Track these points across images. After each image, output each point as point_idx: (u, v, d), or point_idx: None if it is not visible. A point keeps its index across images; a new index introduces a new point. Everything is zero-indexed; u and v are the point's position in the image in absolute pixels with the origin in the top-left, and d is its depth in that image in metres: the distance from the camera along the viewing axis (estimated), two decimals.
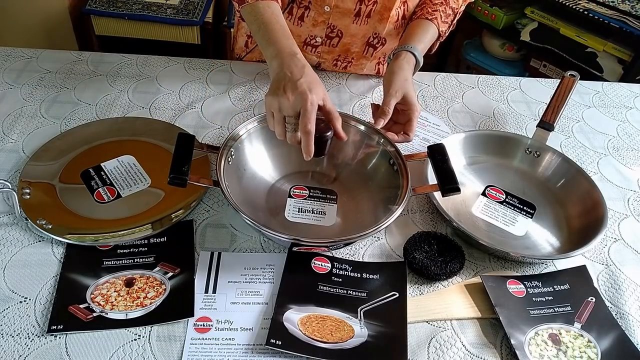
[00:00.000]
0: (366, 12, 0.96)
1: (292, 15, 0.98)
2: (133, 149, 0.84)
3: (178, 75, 1.03)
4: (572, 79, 0.94)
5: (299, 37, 1.02)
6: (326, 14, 0.97)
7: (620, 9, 1.85)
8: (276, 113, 0.70)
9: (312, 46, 1.03)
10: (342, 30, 0.99)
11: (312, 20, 0.98)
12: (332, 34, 1.00)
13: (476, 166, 0.89)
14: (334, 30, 0.99)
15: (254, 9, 0.81)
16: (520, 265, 0.75)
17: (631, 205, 0.86)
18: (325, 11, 0.96)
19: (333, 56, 1.05)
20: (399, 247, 0.75)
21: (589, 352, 0.64)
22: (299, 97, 0.67)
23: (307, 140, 0.67)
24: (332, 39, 1.01)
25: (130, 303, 0.64)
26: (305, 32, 1.01)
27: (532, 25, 2.11)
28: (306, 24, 0.99)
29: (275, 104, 0.69)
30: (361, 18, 0.97)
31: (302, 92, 0.68)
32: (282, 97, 0.68)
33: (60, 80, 0.99)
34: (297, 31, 1.01)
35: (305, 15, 0.98)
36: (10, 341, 0.60)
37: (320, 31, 1.00)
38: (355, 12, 0.96)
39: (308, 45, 1.03)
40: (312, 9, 0.96)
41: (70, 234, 0.70)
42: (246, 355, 0.61)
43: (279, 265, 0.70)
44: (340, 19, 0.97)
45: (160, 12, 1.99)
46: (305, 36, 1.01)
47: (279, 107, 0.69)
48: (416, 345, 0.64)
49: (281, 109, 0.69)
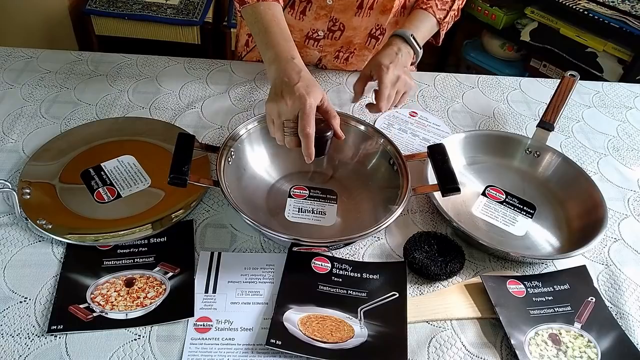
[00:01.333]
0: (369, 4, 0.96)
1: (294, 9, 0.98)
2: (133, 149, 0.84)
3: (178, 75, 1.03)
4: (572, 79, 0.93)
5: (300, 31, 1.02)
6: (328, 7, 0.96)
7: (620, 9, 1.85)
8: (276, 119, 0.70)
9: (314, 40, 1.03)
10: (344, 23, 0.99)
11: (314, 14, 0.98)
12: (334, 27, 1.00)
13: (476, 166, 0.89)
14: (336, 24, 0.99)
15: (254, 10, 0.81)
16: (520, 265, 0.75)
17: (631, 205, 0.86)
18: (328, 4, 0.96)
19: (335, 48, 1.05)
20: (399, 247, 0.75)
21: (589, 352, 0.64)
22: (297, 101, 0.68)
23: (307, 143, 0.68)
24: (335, 32, 1.01)
25: (130, 303, 0.64)
26: (307, 26, 1.01)
27: (532, 25, 2.11)
28: (308, 18, 0.99)
29: (274, 110, 0.70)
30: (364, 10, 0.97)
31: (299, 95, 0.68)
32: (280, 102, 0.69)
33: (60, 80, 0.99)
34: (299, 25, 1.01)
35: (307, 9, 0.97)
36: (10, 341, 0.60)
37: (322, 24, 1.00)
38: (358, 5, 0.96)
39: (310, 39, 1.03)
40: (314, 2, 0.96)
41: (70, 234, 0.70)
42: (246, 355, 0.61)
43: (279, 265, 0.70)
44: (343, 12, 0.97)
45: (160, 12, 1.99)
46: (307, 30, 1.01)
47: (278, 112, 0.70)
48: (416, 345, 0.64)
49: (280, 114, 0.69)
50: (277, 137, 0.72)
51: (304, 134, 0.68)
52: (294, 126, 0.69)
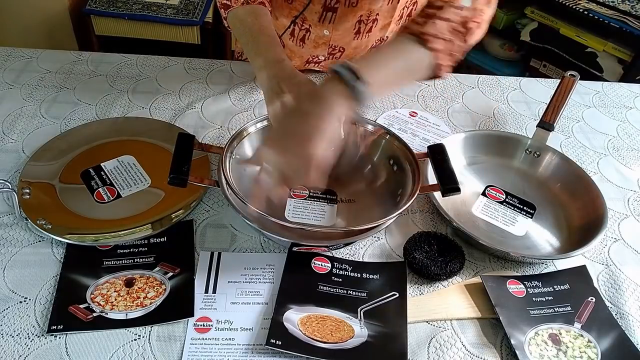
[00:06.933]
0: (366, 29, 0.95)
1: (294, 36, 0.98)
2: (133, 149, 0.84)
3: (178, 75, 1.03)
4: (572, 79, 0.93)
5: (301, 57, 1.02)
6: (326, 37, 0.96)
7: (620, 9, 1.85)
8: (274, 171, 0.62)
9: (315, 63, 1.03)
10: (344, 47, 0.99)
11: (313, 42, 0.98)
12: (334, 52, 1.00)
13: (476, 166, 0.89)
14: (336, 49, 0.99)
15: (238, 16, 0.79)
16: (520, 265, 0.75)
17: (631, 205, 0.86)
18: (325, 35, 0.95)
19: None
20: (399, 247, 0.75)
21: (589, 352, 0.64)
22: (303, 160, 0.59)
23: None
24: (335, 55, 1.00)
25: (130, 303, 0.64)
26: (307, 53, 1.00)
27: (532, 25, 2.11)
28: (308, 46, 0.99)
29: (278, 106, 0.66)
30: (362, 34, 0.96)
31: (305, 155, 0.58)
32: (283, 95, 0.66)
33: (60, 80, 0.99)
34: (300, 52, 1.00)
35: (306, 37, 0.97)
36: (10, 341, 0.60)
37: (322, 51, 0.99)
38: (355, 31, 0.95)
39: (311, 63, 1.03)
40: (312, 32, 0.96)
41: (70, 234, 0.70)
42: (246, 355, 0.61)
43: (279, 265, 0.70)
44: (341, 39, 0.97)
45: (160, 12, 1.99)
46: (308, 56, 1.01)
47: (277, 165, 0.61)
48: (416, 345, 0.64)
49: (282, 170, 0.61)
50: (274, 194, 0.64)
51: (309, 186, 0.63)
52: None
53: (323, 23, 0.93)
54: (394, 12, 0.93)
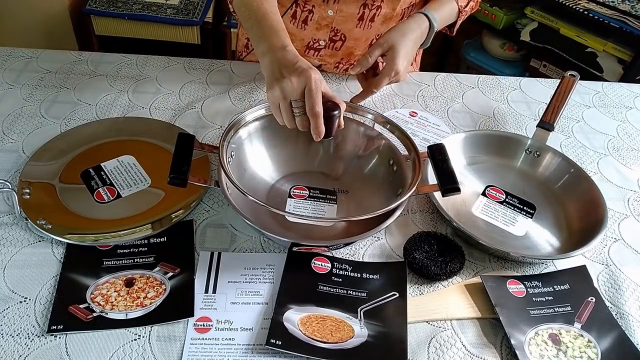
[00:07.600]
0: (370, 16, 0.95)
1: (296, 18, 0.98)
2: (133, 149, 0.84)
3: (178, 75, 1.03)
4: (572, 79, 0.93)
5: (302, 40, 1.02)
6: (329, 18, 0.96)
7: (620, 9, 1.85)
8: (282, 102, 0.68)
9: (315, 49, 1.03)
10: (345, 34, 0.99)
11: (316, 23, 0.98)
12: (335, 37, 1.00)
13: (476, 166, 0.89)
14: (338, 34, 0.99)
15: (243, 0, 0.80)
16: (520, 265, 0.75)
17: (631, 205, 0.86)
18: (329, 15, 0.96)
19: (336, 59, 1.05)
20: (399, 247, 0.75)
21: (589, 352, 0.64)
22: (302, 77, 0.66)
23: (316, 122, 0.66)
24: (336, 42, 1.01)
25: (130, 303, 0.64)
26: (308, 36, 1.01)
27: (532, 25, 2.11)
28: (310, 27, 0.99)
29: (278, 92, 0.67)
30: (364, 22, 0.96)
31: (303, 70, 0.65)
32: (283, 81, 0.66)
33: (60, 80, 0.99)
34: (301, 34, 1.00)
35: (308, 19, 0.97)
36: (10, 341, 0.60)
37: (324, 35, 1.00)
38: (359, 17, 0.96)
39: (311, 49, 1.03)
40: (315, 12, 0.96)
41: (70, 234, 0.70)
42: (246, 355, 0.61)
43: (279, 265, 0.70)
44: (344, 23, 0.97)
45: (160, 12, 1.99)
46: (309, 39, 1.01)
47: (282, 94, 0.67)
48: (416, 345, 0.64)
49: (286, 95, 0.67)
50: (286, 121, 0.69)
51: (312, 113, 0.65)
52: (302, 105, 0.67)
53: (327, 3, 0.93)
54: (397, 3, 0.93)
